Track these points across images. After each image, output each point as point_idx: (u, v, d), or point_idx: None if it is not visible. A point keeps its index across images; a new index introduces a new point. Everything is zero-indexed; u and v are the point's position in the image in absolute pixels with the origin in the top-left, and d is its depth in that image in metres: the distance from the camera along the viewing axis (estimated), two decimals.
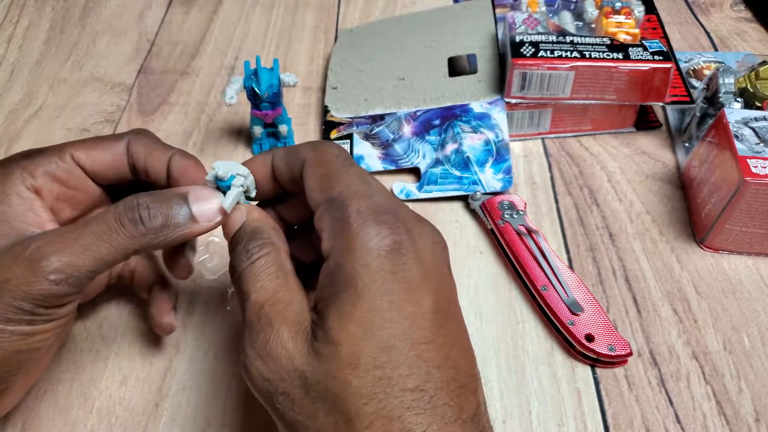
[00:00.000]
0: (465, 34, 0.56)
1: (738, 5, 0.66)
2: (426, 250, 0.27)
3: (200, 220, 0.30)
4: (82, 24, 0.65)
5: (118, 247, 0.28)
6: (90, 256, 0.28)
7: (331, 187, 0.28)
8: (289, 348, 0.25)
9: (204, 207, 0.30)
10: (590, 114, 0.51)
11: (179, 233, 0.29)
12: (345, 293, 0.25)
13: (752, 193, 0.39)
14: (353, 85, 0.54)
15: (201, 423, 0.36)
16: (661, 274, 0.43)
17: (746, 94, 0.48)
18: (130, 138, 0.33)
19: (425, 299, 0.26)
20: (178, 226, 0.29)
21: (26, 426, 0.35)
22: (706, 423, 0.36)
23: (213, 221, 0.30)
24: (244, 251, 0.29)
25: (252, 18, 0.65)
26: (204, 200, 0.30)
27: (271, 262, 0.28)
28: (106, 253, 0.28)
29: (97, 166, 0.33)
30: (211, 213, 0.30)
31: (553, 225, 0.46)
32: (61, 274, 0.27)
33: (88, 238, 0.28)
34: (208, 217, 0.30)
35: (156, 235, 0.29)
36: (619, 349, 0.37)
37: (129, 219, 0.28)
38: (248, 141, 0.52)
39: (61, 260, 0.27)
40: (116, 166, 0.33)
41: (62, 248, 0.28)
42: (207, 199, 0.30)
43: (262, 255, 0.28)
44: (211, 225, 0.30)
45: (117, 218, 0.28)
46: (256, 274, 0.28)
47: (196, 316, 0.40)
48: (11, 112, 0.55)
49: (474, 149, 0.48)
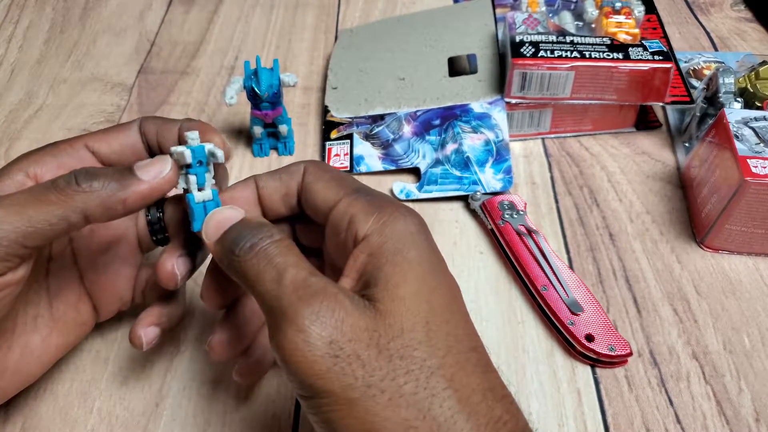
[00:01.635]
0: (465, 34, 0.56)
1: (738, 5, 0.66)
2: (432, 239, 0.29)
3: (144, 177, 0.28)
4: (82, 24, 0.65)
5: (51, 206, 0.27)
6: (15, 214, 0.27)
7: (348, 185, 0.29)
8: (353, 311, 0.24)
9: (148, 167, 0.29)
10: (590, 114, 0.51)
11: (121, 193, 0.28)
12: (398, 256, 0.26)
13: (752, 193, 0.39)
14: (353, 85, 0.54)
15: (201, 423, 0.36)
16: (661, 274, 0.43)
17: (746, 94, 0.48)
18: (141, 119, 0.34)
19: (451, 277, 0.28)
20: (118, 185, 0.28)
21: (26, 426, 0.35)
22: (706, 423, 0.36)
23: (160, 176, 0.29)
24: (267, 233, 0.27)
25: (252, 18, 0.65)
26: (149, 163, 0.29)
27: (292, 246, 0.27)
28: (34, 213, 0.27)
29: (113, 150, 0.33)
30: (156, 170, 0.29)
31: (553, 225, 0.46)
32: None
33: (15, 199, 0.27)
34: (154, 173, 0.29)
35: (91, 193, 0.27)
36: (619, 349, 0.37)
37: (64, 180, 0.28)
38: (248, 141, 0.52)
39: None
40: (132, 147, 0.34)
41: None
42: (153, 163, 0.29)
43: (282, 238, 0.27)
44: (158, 182, 0.29)
45: (52, 181, 0.28)
46: (287, 251, 0.26)
47: (196, 316, 0.40)
48: (11, 112, 0.55)
49: (474, 149, 0.48)
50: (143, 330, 0.33)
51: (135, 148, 0.34)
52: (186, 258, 0.32)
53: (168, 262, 0.31)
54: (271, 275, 0.26)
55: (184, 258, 0.32)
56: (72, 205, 0.27)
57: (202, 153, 0.29)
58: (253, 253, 0.26)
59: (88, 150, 0.33)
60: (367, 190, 0.29)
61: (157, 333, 0.33)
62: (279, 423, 0.36)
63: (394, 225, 0.27)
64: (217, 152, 0.30)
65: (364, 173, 0.49)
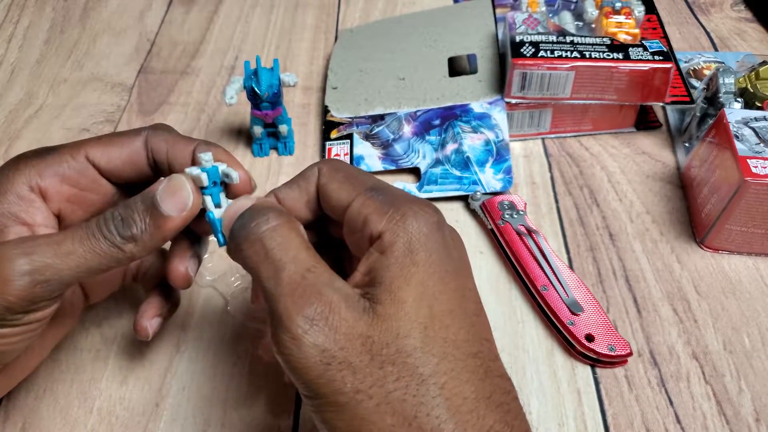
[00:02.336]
0: (465, 34, 0.56)
1: (738, 5, 0.66)
2: (456, 238, 0.28)
3: (174, 214, 0.29)
4: (82, 24, 0.65)
5: (97, 255, 0.28)
6: (74, 260, 0.27)
7: (362, 183, 0.29)
8: (347, 316, 0.24)
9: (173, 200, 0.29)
10: (590, 114, 0.51)
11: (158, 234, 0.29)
12: (405, 259, 0.25)
13: (752, 193, 0.39)
14: (353, 85, 0.54)
15: (201, 423, 0.36)
16: (661, 274, 0.43)
17: (746, 94, 0.48)
18: (148, 132, 0.33)
19: (469, 276, 0.27)
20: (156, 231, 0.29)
21: (26, 426, 0.35)
22: (706, 423, 0.36)
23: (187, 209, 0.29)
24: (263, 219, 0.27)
25: (252, 18, 0.65)
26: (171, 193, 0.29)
27: (293, 229, 0.27)
28: (81, 260, 0.28)
29: (114, 164, 0.32)
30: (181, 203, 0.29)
31: (553, 225, 0.46)
32: (33, 276, 0.27)
33: (62, 242, 0.28)
34: (180, 207, 0.29)
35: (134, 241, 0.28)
36: (619, 349, 0.37)
37: (107, 229, 0.28)
38: (248, 141, 0.52)
39: (33, 260, 0.27)
40: (134, 162, 0.33)
41: (34, 250, 0.27)
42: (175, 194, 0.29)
43: (282, 222, 0.27)
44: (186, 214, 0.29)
45: (97, 227, 0.28)
46: (285, 241, 0.26)
47: (196, 316, 0.40)
48: (11, 112, 0.55)
49: (474, 149, 0.48)
50: (148, 322, 0.34)
51: (137, 164, 0.33)
52: (195, 258, 0.33)
53: (181, 266, 0.32)
54: (269, 272, 0.26)
55: (193, 259, 0.33)
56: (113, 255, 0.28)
57: (216, 175, 0.30)
58: (249, 242, 0.26)
59: (88, 161, 0.32)
60: (382, 186, 0.29)
61: (159, 322, 0.34)
62: (279, 423, 0.36)
63: (406, 224, 0.26)
64: (232, 174, 0.30)
65: None
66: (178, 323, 0.40)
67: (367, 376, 0.24)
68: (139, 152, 0.33)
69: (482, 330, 0.26)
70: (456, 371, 0.24)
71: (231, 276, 0.42)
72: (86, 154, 0.32)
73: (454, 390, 0.24)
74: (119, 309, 0.41)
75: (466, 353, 0.25)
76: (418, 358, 0.24)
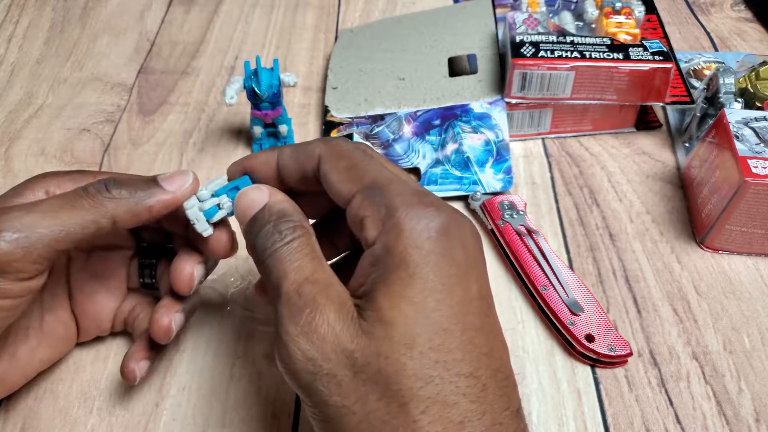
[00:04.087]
0: (465, 34, 0.56)
1: (738, 5, 0.66)
2: (468, 236, 0.26)
3: (169, 187, 0.31)
4: (82, 24, 0.65)
5: (83, 211, 0.29)
6: (50, 218, 0.28)
7: (362, 176, 0.27)
8: (336, 327, 0.24)
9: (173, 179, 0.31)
10: (590, 114, 0.51)
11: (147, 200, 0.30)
12: (396, 274, 0.24)
13: (752, 194, 0.39)
14: (353, 85, 0.54)
15: (201, 423, 0.36)
16: (661, 274, 0.43)
17: (746, 94, 0.48)
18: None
19: (473, 285, 0.25)
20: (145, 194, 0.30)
21: (26, 426, 0.35)
22: (706, 423, 0.36)
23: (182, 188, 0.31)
24: (276, 232, 0.27)
25: (252, 18, 0.65)
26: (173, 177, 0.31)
27: (305, 244, 0.27)
28: (67, 217, 0.28)
29: None
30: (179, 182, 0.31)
31: (553, 225, 0.46)
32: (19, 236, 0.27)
33: (49, 204, 0.29)
34: (177, 185, 0.31)
35: (121, 200, 0.29)
36: (619, 349, 0.37)
37: (95, 187, 0.29)
38: (248, 141, 0.52)
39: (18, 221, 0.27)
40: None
41: (21, 214, 0.28)
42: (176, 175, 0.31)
43: (296, 237, 0.27)
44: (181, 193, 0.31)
45: (83, 188, 0.29)
46: (292, 254, 0.26)
47: (196, 316, 0.40)
48: (11, 112, 0.55)
49: (474, 149, 0.48)
50: (136, 364, 0.34)
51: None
52: (202, 266, 0.34)
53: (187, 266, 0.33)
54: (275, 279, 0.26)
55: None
56: (102, 210, 0.29)
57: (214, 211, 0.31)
58: (266, 255, 0.27)
59: None
60: (382, 183, 0.27)
61: (148, 366, 0.35)
62: (279, 423, 0.36)
63: (402, 235, 0.25)
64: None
65: None
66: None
67: (351, 392, 0.24)
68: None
69: (483, 344, 0.25)
70: (443, 394, 0.23)
71: (231, 276, 0.42)
72: None
73: (437, 414, 0.23)
74: None
75: (458, 374, 0.24)
76: (400, 381, 0.23)
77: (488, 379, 0.24)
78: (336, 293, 0.25)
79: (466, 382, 0.24)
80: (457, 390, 0.23)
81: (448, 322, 0.24)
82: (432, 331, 0.24)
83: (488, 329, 0.25)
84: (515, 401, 0.25)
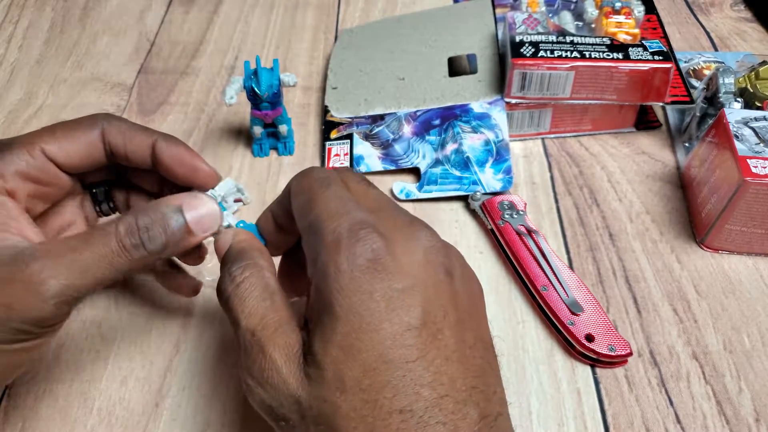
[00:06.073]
0: (465, 34, 0.56)
1: (738, 5, 0.66)
2: (413, 257, 0.26)
3: (197, 232, 0.31)
4: (82, 24, 0.65)
5: (120, 269, 0.29)
6: (91, 277, 0.28)
7: (309, 212, 0.27)
8: (283, 374, 0.25)
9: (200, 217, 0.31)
10: (590, 114, 0.51)
11: (178, 249, 0.30)
12: (326, 316, 0.25)
13: (752, 193, 0.39)
14: (353, 85, 0.54)
15: (201, 423, 0.36)
16: (661, 274, 0.43)
17: (746, 94, 0.48)
18: (103, 124, 0.32)
19: (410, 313, 0.24)
20: (176, 244, 0.30)
21: (26, 426, 0.35)
22: (706, 423, 0.36)
23: (209, 231, 0.31)
24: (228, 275, 0.29)
25: (252, 18, 0.65)
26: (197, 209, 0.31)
27: (255, 284, 0.28)
28: (107, 274, 0.28)
29: (71, 159, 0.32)
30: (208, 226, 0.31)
31: (553, 225, 0.46)
32: (62, 297, 0.27)
33: (89, 259, 0.28)
34: (205, 228, 0.31)
35: (157, 255, 0.30)
36: (619, 349, 0.37)
37: (132, 243, 0.29)
38: (248, 141, 0.52)
39: (61, 283, 0.27)
40: (90, 154, 0.33)
41: (62, 270, 0.27)
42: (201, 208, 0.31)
43: (245, 277, 0.28)
44: (206, 235, 0.31)
45: (119, 242, 0.28)
46: (243, 299, 0.28)
47: (196, 316, 0.40)
48: (11, 112, 0.55)
49: (474, 149, 0.48)
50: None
51: (94, 156, 0.33)
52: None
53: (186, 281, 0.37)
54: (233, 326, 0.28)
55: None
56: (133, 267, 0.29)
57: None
58: (222, 301, 0.29)
59: (46, 157, 0.32)
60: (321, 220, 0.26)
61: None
62: None
63: (327, 277, 0.25)
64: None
65: (364, 173, 0.49)
66: (178, 323, 0.40)
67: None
68: (96, 145, 0.33)
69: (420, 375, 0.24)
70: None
71: None
72: (42, 149, 0.31)
73: None
74: (119, 309, 0.41)
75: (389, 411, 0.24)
76: (337, 422, 0.24)
77: (427, 410, 0.24)
78: (284, 336, 0.26)
79: (400, 418, 0.23)
80: (389, 427, 0.23)
81: (376, 362, 0.24)
82: (360, 372, 0.24)
83: (433, 356, 0.24)
84: (468, 424, 0.24)
